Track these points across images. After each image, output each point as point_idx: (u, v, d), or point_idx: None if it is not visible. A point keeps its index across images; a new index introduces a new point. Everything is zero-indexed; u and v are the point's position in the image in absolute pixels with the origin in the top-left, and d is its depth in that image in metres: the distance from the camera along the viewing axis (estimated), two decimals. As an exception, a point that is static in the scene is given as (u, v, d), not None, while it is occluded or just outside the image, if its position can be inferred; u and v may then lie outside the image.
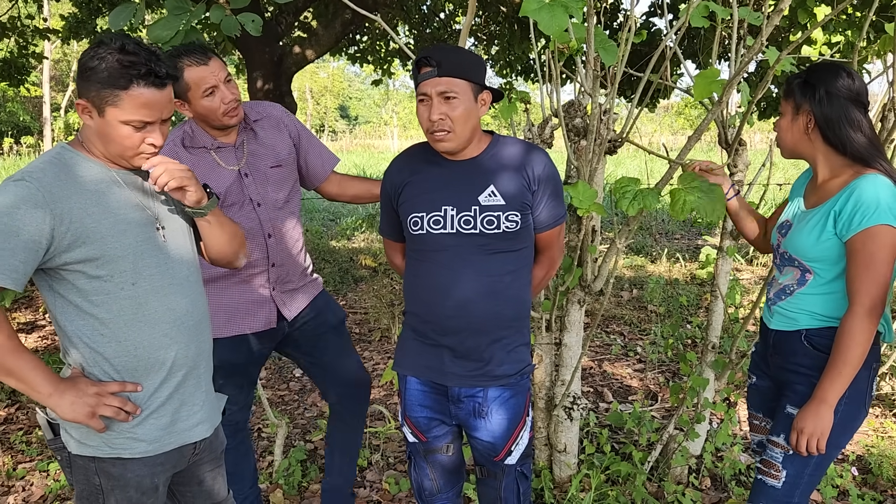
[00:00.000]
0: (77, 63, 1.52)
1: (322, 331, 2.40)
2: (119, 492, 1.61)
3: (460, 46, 1.85)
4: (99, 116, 1.50)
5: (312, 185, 2.45)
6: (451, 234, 1.84)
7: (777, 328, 1.94)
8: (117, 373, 1.57)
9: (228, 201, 2.15)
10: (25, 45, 7.72)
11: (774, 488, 1.89)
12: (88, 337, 1.55)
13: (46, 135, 26.81)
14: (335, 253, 8.17)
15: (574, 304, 2.73)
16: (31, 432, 3.59)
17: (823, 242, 1.79)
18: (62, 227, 1.46)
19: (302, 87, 37.36)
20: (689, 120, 27.69)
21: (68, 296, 1.53)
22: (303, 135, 2.37)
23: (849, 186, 1.75)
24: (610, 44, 2.36)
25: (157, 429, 1.61)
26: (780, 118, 1.92)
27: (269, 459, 3.28)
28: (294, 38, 7.59)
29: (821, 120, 1.81)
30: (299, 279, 2.36)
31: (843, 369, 1.72)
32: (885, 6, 4.01)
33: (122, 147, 1.53)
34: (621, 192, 2.27)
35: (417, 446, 2.07)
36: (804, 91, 1.83)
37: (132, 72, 1.46)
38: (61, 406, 1.50)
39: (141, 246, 1.57)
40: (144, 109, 1.49)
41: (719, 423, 3.41)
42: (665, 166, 2.47)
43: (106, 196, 1.54)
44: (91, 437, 1.57)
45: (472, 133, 1.84)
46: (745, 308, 5.32)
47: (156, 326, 1.59)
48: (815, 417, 1.76)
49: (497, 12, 8.03)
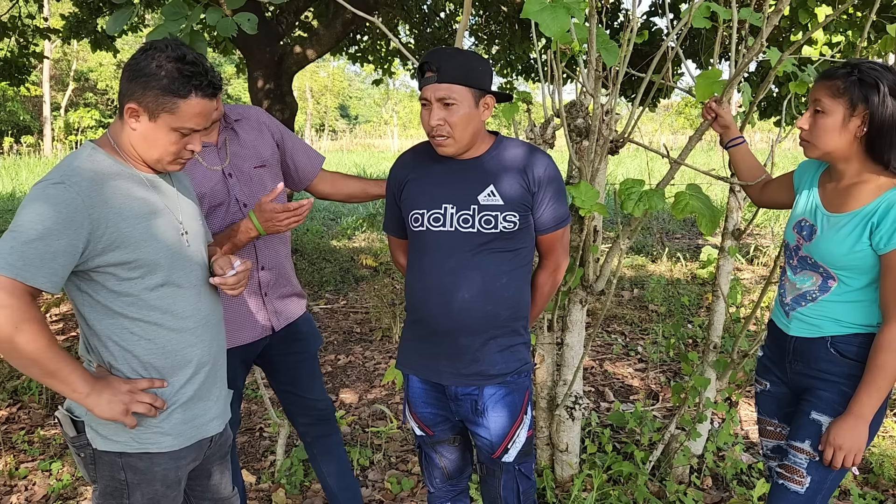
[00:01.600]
0: (127, 66, 1.53)
1: (301, 358, 2.37)
2: (146, 486, 1.63)
3: (465, 50, 1.84)
4: (149, 121, 1.52)
5: (303, 185, 2.41)
6: (450, 232, 1.86)
7: (798, 335, 1.88)
8: (146, 370, 1.60)
9: (215, 202, 2.11)
10: (26, 45, 7.72)
11: (797, 493, 1.84)
12: (118, 335, 1.57)
13: (46, 134, 26.83)
14: (336, 252, 8.17)
15: (576, 303, 2.73)
16: (34, 432, 3.59)
17: (857, 252, 1.72)
18: (98, 232, 1.47)
19: (302, 86, 37.36)
20: (690, 119, 27.70)
21: (98, 296, 1.54)
22: (286, 135, 2.33)
23: (888, 196, 1.68)
24: (611, 44, 2.36)
25: (181, 423, 1.65)
26: (818, 116, 1.74)
27: (271, 459, 3.29)
28: (295, 38, 7.60)
29: (877, 124, 1.66)
30: (289, 284, 2.31)
31: (882, 384, 1.69)
32: (886, 6, 4.01)
33: (164, 152, 1.56)
34: (626, 193, 2.28)
35: (425, 439, 2.10)
36: (865, 90, 1.66)
37: (194, 81, 1.50)
38: (99, 405, 1.52)
39: (170, 249, 1.59)
40: (198, 118, 1.54)
41: (721, 422, 3.42)
42: (666, 166, 2.47)
43: (138, 201, 1.56)
44: (119, 433, 1.59)
45: (473, 137, 1.85)
46: (746, 308, 5.33)
47: (184, 326, 1.62)
48: (853, 433, 1.72)
49: (498, 12, 8.03)
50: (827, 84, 1.72)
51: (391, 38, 2.49)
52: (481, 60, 1.83)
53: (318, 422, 2.47)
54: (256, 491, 3.02)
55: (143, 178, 1.60)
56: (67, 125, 28.24)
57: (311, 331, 2.41)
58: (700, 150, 20.61)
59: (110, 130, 1.60)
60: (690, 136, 2.43)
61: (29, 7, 7.86)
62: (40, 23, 8.80)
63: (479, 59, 1.83)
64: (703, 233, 2.20)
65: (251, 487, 3.03)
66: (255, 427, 3.68)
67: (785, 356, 1.95)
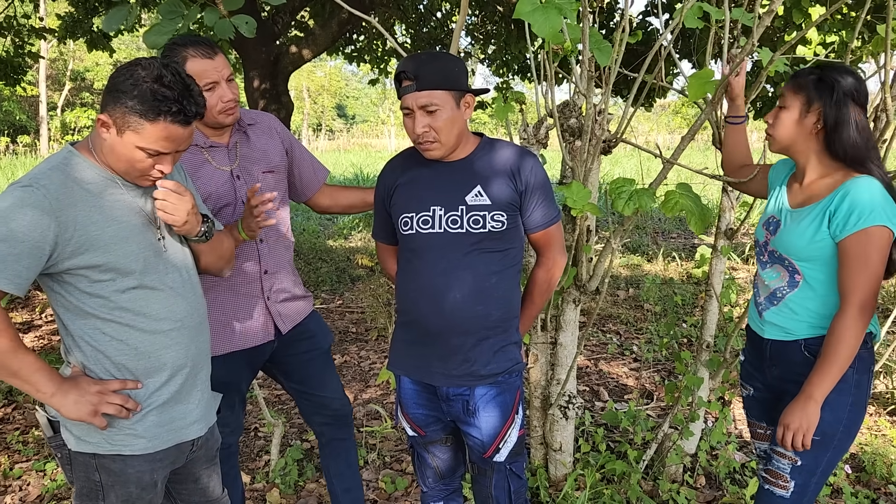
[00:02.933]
0: (110, 77, 1.53)
1: (312, 356, 2.35)
2: (119, 488, 1.63)
3: (438, 53, 1.85)
4: (117, 135, 1.51)
5: (305, 197, 2.43)
6: (440, 234, 1.87)
7: (773, 338, 1.93)
8: (118, 371, 1.60)
9: (221, 202, 2.12)
10: (21, 45, 7.70)
11: (783, 498, 1.88)
12: (90, 336, 1.57)
13: (43, 134, 26.78)
14: (332, 252, 8.18)
15: (569, 303, 2.74)
16: (28, 432, 3.59)
17: (817, 242, 1.79)
18: (66, 234, 1.48)
19: (299, 86, 37.33)
20: (686, 119, 27.72)
21: (70, 297, 1.55)
22: (295, 145, 2.35)
23: (843, 187, 1.76)
24: (605, 44, 2.37)
25: (156, 426, 1.64)
26: (781, 111, 1.87)
27: (266, 459, 3.29)
28: (291, 38, 7.60)
29: (830, 122, 1.78)
30: (293, 288, 2.30)
31: (833, 367, 1.74)
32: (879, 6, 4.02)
33: (130, 168, 1.55)
34: (617, 192, 2.29)
35: (417, 439, 2.10)
36: (820, 89, 1.78)
37: (163, 107, 1.47)
38: (65, 405, 1.52)
39: (143, 252, 1.59)
40: (164, 142, 1.51)
41: (714, 421, 3.43)
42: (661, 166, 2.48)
43: (110, 203, 1.56)
44: (91, 434, 1.59)
45: (459, 138, 1.86)
46: (740, 307, 5.34)
47: (158, 328, 1.61)
48: (802, 413, 1.77)
49: (493, 11, 8.03)
50: (793, 82, 1.85)
51: (388, 38, 2.49)
52: (456, 61, 1.85)
53: (334, 421, 2.43)
54: (251, 491, 3.02)
55: (120, 183, 1.59)
56: (64, 125, 28.19)
57: (321, 328, 2.40)
58: (696, 149, 20.63)
59: (91, 134, 1.61)
60: (683, 135, 2.44)
61: (24, 7, 7.84)
62: (36, 22, 8.78)
63: (455, 60, 1.84)
64: (694, 231, 2.22)
65: (246, 487, 3.03)
66: (251, 427, 3.68)
67: (763, 361, 1.99)
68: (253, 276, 2.18)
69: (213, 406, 1.82)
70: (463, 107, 1.84)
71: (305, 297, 2.36)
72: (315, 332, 2.36)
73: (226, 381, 2.09)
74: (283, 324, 2.25)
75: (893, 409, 3.67)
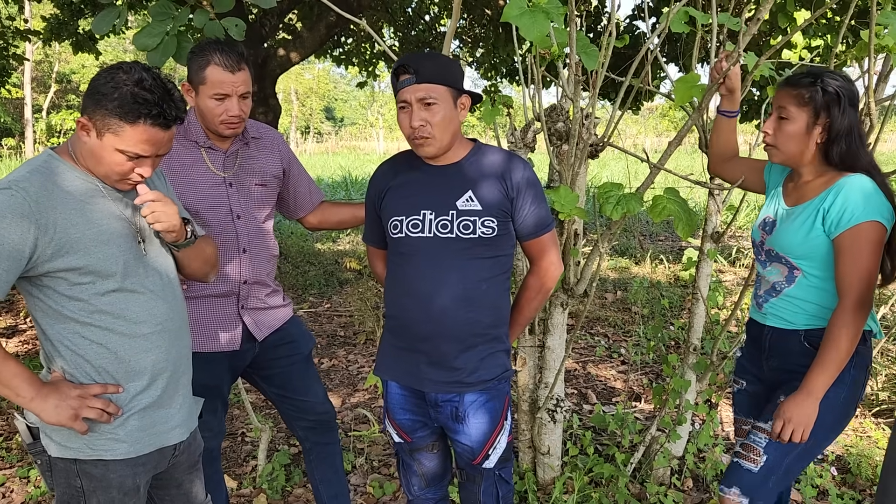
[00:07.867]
0: (91, 80, 1.52)
1: (293, 361, 2.33)
2: (101, 493, 1.61)
3: (436, 52, 1.86)
4: (96, 138, 1.51)
5: (297, 215, 2.43)
6: (429, 238, 1.86)
7: (773, 325, 1.95)
8: (99, 376, 1.58)
9: (210, 205, 2.12)
10: (6, 47, 7.65)
11: (750, 472, 1.90)
12: (70, 340, 1.56)
13: (28, 136, 26.55)
14: (320, 255, 8.15)
15: (557, 306, 2.74)
16: (11, 439, 3.55)
17: (812, 240, 1.82)
18: (46, 238, 1.47)
19: (287, 88, 37.24)
20: (674, 122, 27.89)
21: (49, 300, 1.54)
22: (294, 163, 2.36)
23: (836, 185, 1.79)
24: (592, 48, 2.38)
25: (137, 430, 1.63)
26: (783, 122, 1.85)
27: (253, 464, 3.27)
28: (278, 41, 7.57)
29: (835, 132, 1.79)
30: (270, 299, 2.28)
31: (832, 363, 1.76)
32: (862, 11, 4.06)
33: (109, 171, 1.55)
34: (605, 196, 2.30)
35: (403, 446, 2.09)
36: (828, 101, 1.78)
37: (143, 110, 1.47)
38: (45, 410, 1.51)
39: (123, 256, 1.58)
40: (144, 145, 1.51)
41: (701, 424, 3.44)
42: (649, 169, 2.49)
43: (90, 207, 1.55)
44: (72, 440, 1.58)
45: (453, 138, 1.86)
46: (727, 309, 5.37)
47: (138, 331, 1.60)
48: (802, 408, 1.79)
49: (482, 15, 8.05)
50: (793, 93, 1.83)
51: (377, 41, 2.49)
52: (455, 62, 1.86)
53: (317, 426, 2.42)
54: (238, 496, 3.00)
55: (100, 186, 1.59)
56: (49, 127, 27.93)
57: (301, 333, 2.39)
58: (684, 153, 20.76)
59: (71, 138, 1.60)
60: (670, 140, 2.45)
61: (9, 9, 7.78)
62: (21, 24, 8.72)
63: (453, 61, 1.85)
64: (681, 236, 2.23)
65: (232, 493, 3.01)
66: (237, 432, 3.66)
67: (762, 353, 2.02)
68: (231, 285, 2.17)
69: (195, 411, 1.81)
70: (459, 107, 1.85)
71: (284, 305, 2.35)
72: (296, 337, 2.36)
73: (207, 385, 2.08)
74: (259, 331, 2.24)
75: (879, 410, 3.70)
